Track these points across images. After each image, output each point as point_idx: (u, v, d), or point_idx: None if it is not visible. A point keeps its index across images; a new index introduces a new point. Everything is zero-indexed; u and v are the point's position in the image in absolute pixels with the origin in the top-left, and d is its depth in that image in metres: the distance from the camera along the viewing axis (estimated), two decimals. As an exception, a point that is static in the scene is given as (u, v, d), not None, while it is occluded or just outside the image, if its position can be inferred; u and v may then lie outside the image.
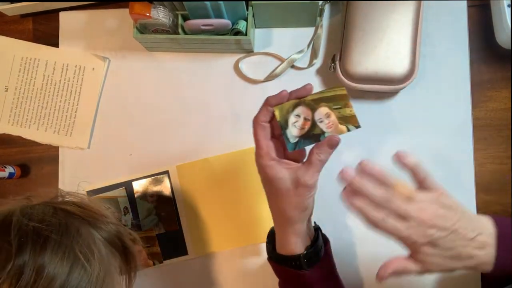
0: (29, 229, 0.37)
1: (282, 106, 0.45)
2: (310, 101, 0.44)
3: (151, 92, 0.72)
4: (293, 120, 0.44)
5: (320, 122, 0.44)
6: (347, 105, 0.44)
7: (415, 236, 0.40)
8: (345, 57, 0.62)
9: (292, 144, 0.44)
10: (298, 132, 0.44)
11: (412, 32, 0.61)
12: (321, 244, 0.49)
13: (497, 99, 0.67)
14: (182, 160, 0.70)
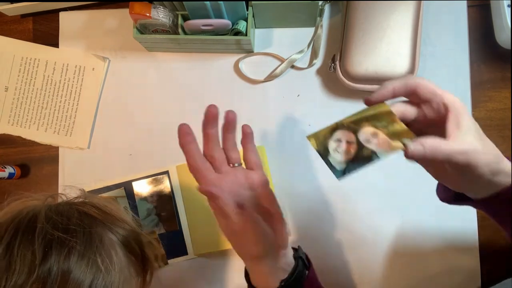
0: (54, 238, 0.37)
1: (317, 134, 0.39)
2: (350, 123, 0.39)
3: (151, 92, 0.72)
4: (333, 146, 0.39)
5: (367, 143, 0.38)
6: (395, 121, 0.38)
7: None
8: (345, 57, 0.62)
9: (339, 172, 0.39)
10: (344, 157, 0.39)
11: (412, 32, 0.61)
12: (300, 275, 0.45)
13: (497, 99, 0.67)
14: (182, 160, 0.69)
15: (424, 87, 0.38)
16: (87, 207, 0.42)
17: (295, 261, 0.46)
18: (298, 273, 0.44)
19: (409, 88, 0.38)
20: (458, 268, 0.64)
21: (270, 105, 0.69)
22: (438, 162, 0.40)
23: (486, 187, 0.41)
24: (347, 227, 0.66)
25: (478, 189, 0.42)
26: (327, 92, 0.69)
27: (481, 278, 0.64)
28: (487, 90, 0.67)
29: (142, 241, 0.46)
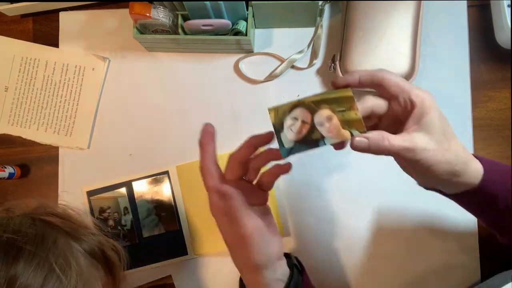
0: (2, 240, 0.36)
1: (278, 108, 0.40)
2: (310, 103, 0.39)
3: (151, 92, 0.72)
4: (289, 123, 0.39)
5: (320, 126, 0.39)
6: (353, 108, 0.38)
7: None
8: (345, 57, 0.62)
9: (286, 149, 0.39)
10: (294, 136, 0.39)
11: (412, 32, 0.61)
12: (296, 282, 0.44)
13: (497, 99, 0.67)
14: (182, 160, 0.70)
15: (390, 81, 0.38)
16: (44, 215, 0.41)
17: (290, 270, 0.44)
18: (293, 282, 0.43)
19: (375, 80, 0.38)
20: (458, 265, 0.64)
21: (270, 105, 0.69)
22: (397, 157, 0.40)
23: (449, 186, 0.42)
24: (346, 226, 0.66)
25: (441, 186, 0.43)
26: (327, 92, 0.69)
27: (481, 275, 0.64)
28: (487, 90, 0.67)
29: (102, 242, 0.45)
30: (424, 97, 0.37)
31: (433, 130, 0.37)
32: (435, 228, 0.65)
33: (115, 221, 0.70)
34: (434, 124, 0.37)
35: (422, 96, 0.37)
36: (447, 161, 0.38)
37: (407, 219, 0.66)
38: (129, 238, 0.69)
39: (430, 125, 0.37)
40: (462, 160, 0.39)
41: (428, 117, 0.37)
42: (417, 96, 0.37)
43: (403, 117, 0.39)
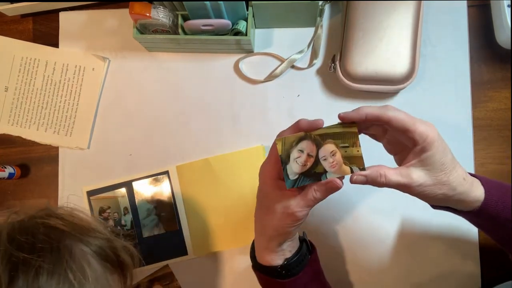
0: (19, 261, 0.35)
1: (286, 139, 0.42)
2: (317, 136, 0.41)
3: (151, 92, 0.72)
4: (295, 155, 0.41)
5: (323, 160, 0.41)
6: (355, 145, 0.41)
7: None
8: (345, 57, 0.62)
9: (291, 181, 0.42)
10: (299, 169, 0.41)
11: (412, 32, 0.61)
12: (303, 256, 0.48)
13: (497, 99, 0.67)
14: (182, 160, 0.70)
15: (396, 123, 0.39)
16: (53, 220, 0.40)
17: (300, 244, 0.49)
18: (301, 255, 0.47)
19: (381, 119, 0.40)
20: (458, 270, 0.64)
21: (270, 105, 0.69)
22: None
23: (456, 206, 0.44)
24: (346, 227, 0.66)
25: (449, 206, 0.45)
26: (327, 92, 0.69)
27: (482, 280, 0.64)
28: (487, 90, 0.67)
29: (116, 246, 0.45)
30: (427, 135, 0.38)
31: (432, 166, 0.39)
32: (437, 236, 0.65)
33: (115, 221, 0.70)
34: (433, 161, 0.39)
35: (425, 134, 0.38)
36: (444, 193, 0.41)
37: (408, 226, 0.66)
38: (129, 238, 0.69)
39: (429, 162, 0.39)
40: (461, 190, 0.41)
41: (429, 154, 0.39)
42: (420, 135, 0.38)
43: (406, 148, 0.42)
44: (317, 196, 0.41)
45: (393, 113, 0.39)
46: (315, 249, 0.52)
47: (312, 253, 0.50)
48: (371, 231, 0.66)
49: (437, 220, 0.65)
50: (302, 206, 0.42)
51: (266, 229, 0.45)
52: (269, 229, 0.44)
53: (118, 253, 0.44)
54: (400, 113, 0.39)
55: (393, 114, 0.39)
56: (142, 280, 0.68)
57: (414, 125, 0.38)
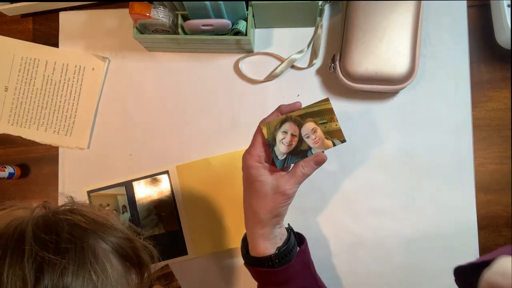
0: (44, 261, 0.35)
1: (269, 123, 0.45)
2: (297, 117, 0.45)
3: (151, 92, 0.72)
4: (280, 137, 0.45)
5: (306, 137, 0.45)
6: (333, 119, 0.45)
7: None
8: (345, 57, 0.62)
9: (280, 161, 0.45)
10: (286, 149, 0.45)
11: (412, 32, 0.61)
12: (292, 244, 0.50)
13: (497, 99, 0.67)
14: (182, 160, 0.70)
15: None
16: (75, 217, 0.40)
17: (287, 233, 0.51)
18: (290, 242, 0.50)
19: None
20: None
21: (270, 105, 0.69)
22: None
23: None
24: (345, 227, 0.66)
25: None
26: (327, 92, 0.69)
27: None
28: (487, 90, 0.67)
29: (136, 246, 0.45)
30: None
31: None
32: (436, 236, 0.65)
33: (115, 221, 0.70)
34: None
35: None
36: None
37: (407, 226, 0.66)
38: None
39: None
40: None
41: None
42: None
43: None
44: (305, 171, 0.45)
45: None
46: (305, 240, 0.54)
47: (302, 244, 0.52)
48: (370, 231, 0.66)
49: (437, 220, 0.65)
50: (292, 183, 0.45)
51: (260, 214, 0.46)
52: (263, 212, 0.46)
53: (138, 252, 0.45)
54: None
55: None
56: (142, 280, 0.68)
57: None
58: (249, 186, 0.47)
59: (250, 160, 0.46)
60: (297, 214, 0.67)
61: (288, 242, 0.50)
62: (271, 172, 0.46)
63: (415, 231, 0.65)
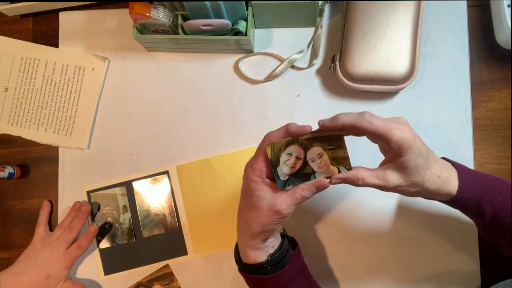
0: None
1: (274, 144, 0.44)
2: (304, 140, 0.44)
3: (151, 92, 0.72)
4: (284, 158, 0.44)
5: (311, 161, 0.44)
6: (341, 147, 0.43)
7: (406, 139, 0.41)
8: (345, 57, 0.62)
9: (282, 182, 0.44)
10: (289, 171, 0.44)
11: (412, 32, 0.61)
12: (286, 250, 0.50)
13: (497, 99, 0.67)
14: (182, 160, 0.70)
15: (372, 131, 0.41)
16: None
17: (281, 239, 0.51)
18: (284, 249, 0.49)
19: (357, 128, 0.42)
20: (458, 268, 0.64)
21: (270, 105, 0.69)
22: None
23: (428, 198, 0.48)
24: (345, 226, 0.66)
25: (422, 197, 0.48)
26: (327, 92, 0.69)
27: (481, 278, 0.64)
28: (487, 90, 0.67)
29: None
30: (402, 142, 0.41)
31: (407, 170, 0.42)
32: (436, 234, 0.65)
33: (114, 218, 0.70)
34: (408, 165, 0.42)
35: (400, 142, 0.41)
36: (417, 191, 0.44)
37: (407, 223, 0.66)
38: (127, 237, 0.69)
39: (404, 166, 0.42)
40: (434, 188, 0.44)
41: (403, 159, 0.42)
42: (395, 142, 0.41)
43: (384, 150, 0.46)
44: (304, 194, 0.43)
45: (368, 122, 0.41)
46: (298, 245, 0.53)
47: (295, 249, 0.52)
48: (370, 229, 0.66)
49: (437, 218, 0.65)
50: (288, 204, 0.44)
51: (251, 226, 0.46)
52: (255, 226, 0.46)
53: None
54: (375, 121, 0.41)
55: (368, 123, 0.41)
56: (142, 280, 0.68)
57: (389, 133, 0.40)
58: (246, 197, 0.47)
59: (252, 173, 0.45)
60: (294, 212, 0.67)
61: (281, 249, 0.49)
62: (270, 188, 0.45)
63: (414, 229, 0.65)
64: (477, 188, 0.46)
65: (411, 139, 0.41)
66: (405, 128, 0.41)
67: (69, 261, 0.64)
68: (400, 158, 0.42)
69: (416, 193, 0.45)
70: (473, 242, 0.64)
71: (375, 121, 0.41)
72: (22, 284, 0.61)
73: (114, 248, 0.69)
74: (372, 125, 0.41)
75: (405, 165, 0.42)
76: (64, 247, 0.65)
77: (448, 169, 0.46)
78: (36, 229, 0.67)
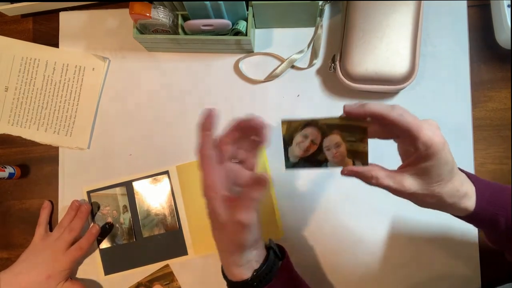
0: None
1: (291, 122, 0.41)
2: (324, 125, 0.40)
3: (151, 92, 0.72)
4: (299, 139, 0.41)
5: (327, 150, 0.40)
6: (363, 140, 0.40)
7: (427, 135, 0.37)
8: (345, 57, 0.62)
9: (290, 163, 0.41)
10: (301, 153, 0.41)
11: (412, 32, 0.61)
12: (272, 263, 0.46)
13: (497, 99, 0.67)
14: (182, 160, 0.70)
15: (401, 125, 0.37)
16: None
17: (267, 252, 0.47)
18: (269, 263, 0.46)
19: (386, 120, 0.38)
20: (458, 271, 0.64)
21: (270, 105, 0.69)
22: None
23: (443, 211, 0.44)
24: (345, 227, 0.66)
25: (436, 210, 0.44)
26: (327, 92, 0.69)
27: (481, 281, 0.63)
28: (487, 90, 0.67)
29: None
30: (431, 144, 0.37)
31: (429, 177, 0.38)
32: (436, 237, 0.65)
33: (114, 218, 0.70)
34: (431, 171, 0.38)
35: (429, 143, 0.37)
36: (434, 203, 0.40)
37: (407, 227, 0.66)
38: (127, 237, 0.69)
39: (427, 172, 0.38)
40: (451, 202, 0.40)
41: (428, 164, 0.38)
42: (424, 143, 0.37)
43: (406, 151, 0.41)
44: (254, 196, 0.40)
45: (399, 114, 0.37)
46: (286, 253, 0.49)
47: (283, 259, 0.48)
48: (369, 231, 0.66)
49: (437, 221, 0.65)
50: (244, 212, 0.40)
51: (224, 245, 0.44)
52: (226, 244, 0.44)
53: None
54: (407, 116, 0.37)
55: (399, 116, 0.37)
56: (142, 280, 0.68)
57: (419, 132, 0.37)
58: (211, 217, 0.44)
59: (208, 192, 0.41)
60: (294, 213, 0.67)
61: (266, 262, 0.46)
62: (226, 203, 0.41)
63: (414, 232, 0.65)
64: (494, 204, 0.42)
65: (441, 144, 0.37)
66: (437, 131, 0.38)
67: (69, 262, 0.64)
68: (424, 163, 0.38)
69: (431, 204, 0.41)
70: (473, 245, 0.64)
71: (406, 114, 0.37)
72: (22, 284, 0.61)
73: (114, 248, 0.69)
74: (403, 118, 0.37)
75: (428, 171, 0.38)
76: (64, 247, 0.65)
77: (467, 184, 0.42)
78: (37, 229, 0.67)
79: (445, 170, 0.38)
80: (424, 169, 0.38)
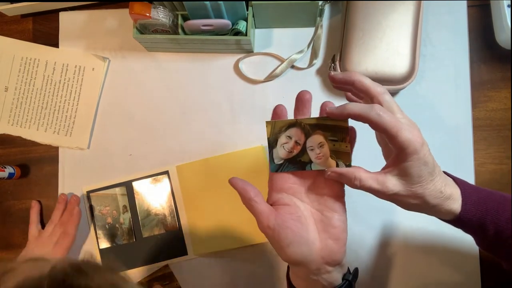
0: None
1: (276, 123, 0.41)
2: (306, 125, 0.41)
3: (151, 92, 0.72)
4: (283, 140, 0.41)
5: (310, 150, 0.41)
6: (345, 140, 0.41)
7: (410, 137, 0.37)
8: (345, 57, 0.62)
9: (275, 166, 0.42)
10: (285, 155, 0.41)
11: (412, 32, 0.61)
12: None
13: (497, 99, 0.67)
14: (182, 160, 0.70)
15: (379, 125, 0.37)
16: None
17: (342, 282, 0.44)
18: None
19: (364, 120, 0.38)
20: (458, 278, 0.64)
21: (270, 105, 0.69)
22: None
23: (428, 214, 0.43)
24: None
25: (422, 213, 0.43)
26: (327, 92, 0.69)
27: (481, 282, 0.63)
28: (487, 90, 0.67)
29: None
30: (408, 145, 0.37)
31: (409, 178, 0.38)
32: (436, 243, 0.65)
33: (114, 218, 0.70)
34: (411, 172, 0.38)
35: (407, 144, 0.37)
36: (417, 204, 0.40)
37: (408, 232, 0.66)
38: (127, 237, 0.69)
39: (406, 172, 0.38)
40: (435, 203, 0.40)
41: (406, 164, 0.38)
42: (402, 143, 0.37)
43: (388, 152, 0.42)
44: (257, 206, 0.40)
45: (377, 114, 0.37)
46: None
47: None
48: (369, 232, 0.66)
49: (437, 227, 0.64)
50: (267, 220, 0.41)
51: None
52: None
53: None
54: (385, 116, 0.37)
55: (376, 116, 0.37)
56: (142, 280, 0.68)
57: (398, 131, 0.37)
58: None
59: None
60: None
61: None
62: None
63: (414, 238, 0.65)
64: (480, 208, 0.42)
65: (419, 144, 0.37)
66: (415, 131, 0.38)
67: (61, 252, 0.65)
68: (403, 163, 0.38)
69: (415, 206, 0.41)
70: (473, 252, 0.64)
71: (384, 115, 0.37)
72: None
73: (114, 248, 0.70)
74: (380, 118, 0.37)
75: (408, 171, 0.38)
76: (56, 241, 0.66)
77: (452, 187, 0.42)
78: (29, 229, 0.68)
79: (425, 171, 0.38)
80: (404, 169, 0.38)
